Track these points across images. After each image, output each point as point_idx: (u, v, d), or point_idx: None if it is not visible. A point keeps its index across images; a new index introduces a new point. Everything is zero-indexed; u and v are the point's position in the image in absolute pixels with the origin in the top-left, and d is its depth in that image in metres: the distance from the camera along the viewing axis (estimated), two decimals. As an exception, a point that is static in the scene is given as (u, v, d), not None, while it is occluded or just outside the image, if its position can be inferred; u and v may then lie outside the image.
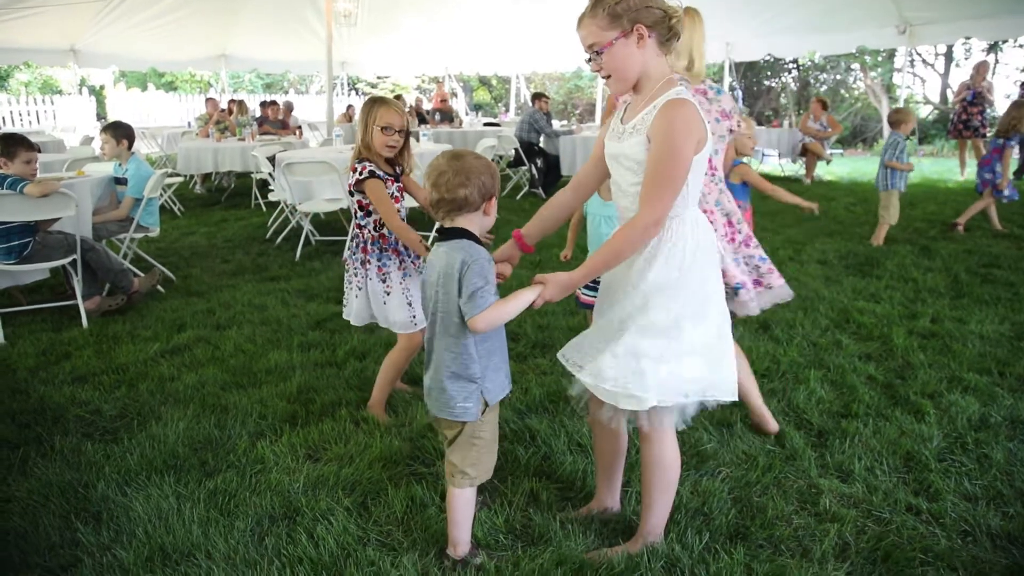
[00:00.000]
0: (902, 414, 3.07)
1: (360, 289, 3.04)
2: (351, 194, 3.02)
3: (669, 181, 1.83)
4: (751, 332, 4.07)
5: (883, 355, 3.77)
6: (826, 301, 4.62)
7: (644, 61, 1.88)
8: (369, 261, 3.00)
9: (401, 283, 3.00)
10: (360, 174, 2.92)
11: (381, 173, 2.94)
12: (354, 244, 3.08)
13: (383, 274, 3.00)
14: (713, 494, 2.45)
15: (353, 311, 3.09)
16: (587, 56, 1.93)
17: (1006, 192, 6.69)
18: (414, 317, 3.02)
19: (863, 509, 2.41)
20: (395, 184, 3.02)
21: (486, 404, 2.00)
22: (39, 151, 4.63)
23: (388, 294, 3.00)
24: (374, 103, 3.00)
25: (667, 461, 2.09)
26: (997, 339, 3.95)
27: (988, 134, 9.92)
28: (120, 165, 5.17)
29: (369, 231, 3.01)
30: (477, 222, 1.98)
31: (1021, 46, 20.92)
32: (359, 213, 3.03)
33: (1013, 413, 3.07)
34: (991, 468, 2.64)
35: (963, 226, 6.82)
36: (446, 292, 1.91)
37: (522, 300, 1.87)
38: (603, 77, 1.93)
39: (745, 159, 3.87)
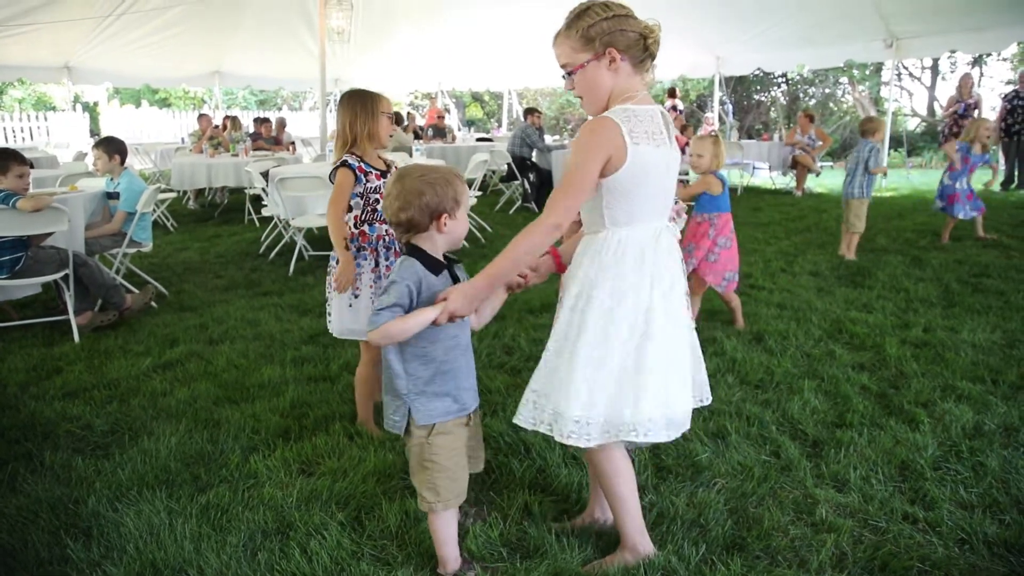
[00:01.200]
0: (896, 423, 3.07)
1: (331, 289, 3.00)
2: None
3: (569, 187, 1.87)
4: (744, 343, 4.07)
5: (876, 365, 3.77)
6: (819, 312, 4.63)
7: (615, 83, 1.90)
8: (330, 260, 2.96)
9: (372, 285, 2.94)
10: (335, 163, 2.90)
11: (354, 164, 2.88)
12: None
13: (354, 274, 2.93)
14: (709, 505, 2.44)
15: (332, 319, 3.06)
16: (561, 74, 1.95)
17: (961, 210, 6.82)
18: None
19: (859, 519, 2.41)
20: (380, 180, 2.94)
21: (414, 421, 1.96)
22: (31, 166, 4.62)
23: (356, 297, 2.93)
24: (371, 94, 2.96)
25: (608, 473, 2.07)
26: (989, 347, 3.96)
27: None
28: (112, 180, 5.17)
29: (349, 228, 2.95)
30: (436, 240, 1.93)
31: (1005, 60, 21.19)
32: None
33: (1007, 421, 3.08)
34: (986, 476, 2.64)
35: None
36: None
37: (422, 317, 1.83)
38: (576, 96, 1.95)
39: (686, 176, 4.25)
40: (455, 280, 1.97)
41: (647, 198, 1.95)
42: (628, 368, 1.95)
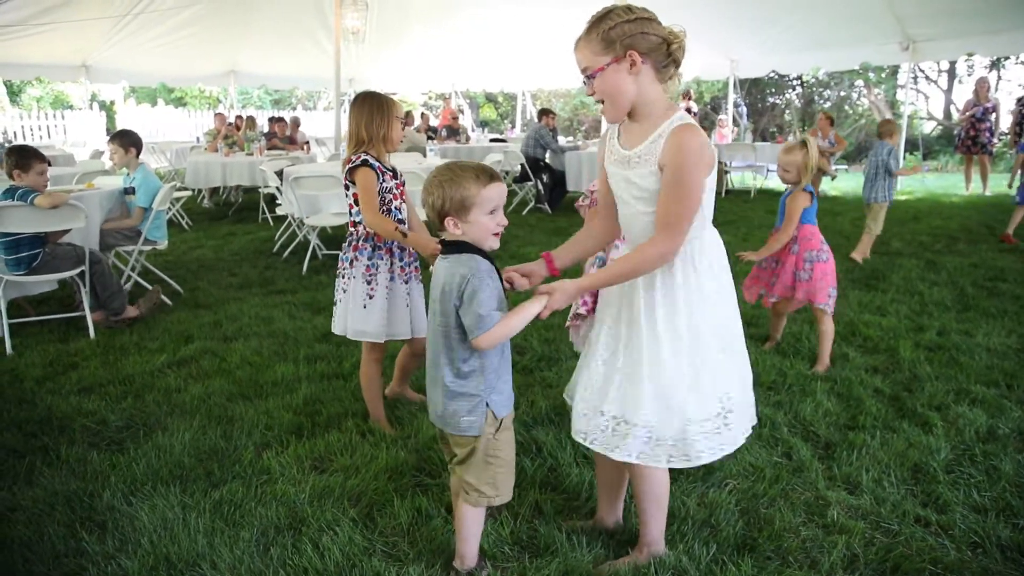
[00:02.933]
0: (909, 426, 3.06)
1: (344, 292, 3.00)
2: (346, 188, 2.96)
3: (685, 209, 1.84)
4: (755, 345, 4.06)
5: (890, 368, 3.75)
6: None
7: (638, 88, 1.86)
8: (358, 259, 2.95)
9: (387, 286, 2.94)
10: (354, 162, 2.86)
11: (376, 164, 2.89)
12: (347, 244, 3.03)
13: (369, 275, 2.93)
14: (720, 505, 2.44)
15: (336, 318, 3.06)
16: (583, 79, 1.92)
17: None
18: (386, 326, 2.95)
19: (871, 521, 2.40)
20: (394, 181, 2.96)
21: (494, 417, 1.96)
22: (49, 164, 4.67)
23: (371, 297, 2.92)
24: (386, 98, 2.96)
25: (654, 477, 2.07)
26: (1004, 352, 3.93)
27: (995, 150, 9.94)
28: (129, 174, 5.20)
29: (363, 227, 2.95)
30: (459, 237, 1.89)
31: (1023, 63, 20.98)
32: (355, 208, 2.95)
33: (1021, 425, 3.05)
34: (1000, 480, 2.62)
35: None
36: (444, 306, 1.88)
37: (528, 313, 1.83)
38: (597, 102, 1.92)
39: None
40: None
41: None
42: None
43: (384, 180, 2.91)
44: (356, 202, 2.93)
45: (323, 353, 4.03)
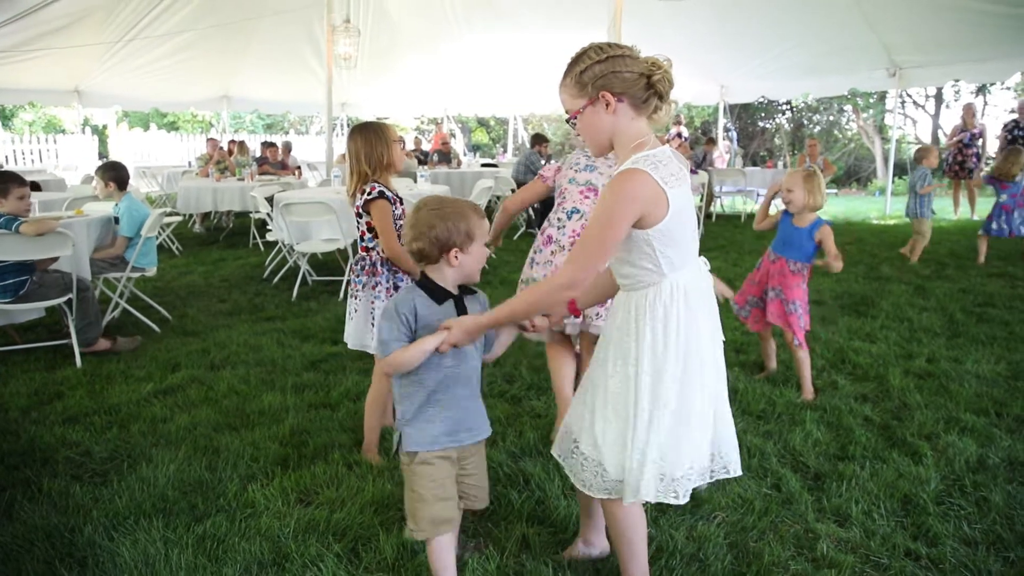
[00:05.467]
0: (899, 456, 3.05)
1: (356, 311, 3.03)
2: (358, 216, 3.01)
3: (593, 245, 1.81)
4: (746, 373, 4.05)
5: (879, 396, 3.75)
6: (822, 341, 4.62)
7: (615, 126, 1.87)
8: (379, 283, 2.99)
9: None
10: (369, 194, 2.92)
11: (390, 195, 2.95)
12: (359, 267, 3.07)
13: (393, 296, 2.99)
14: (708, 539, 2.42)
15: (351, 330, 3.08)
16: (565, 118, 1.97)
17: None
18: None
19: (861, 555, 2.38)
20: (401, 207, 3.02)
21: (405, 449, 2.00)
22: (38, 188, 4.64)
23: None
24: (380, 125, 3.05)
25: (623, 528, 2.04)
26: (993, 379, 3.94)
27: (982, 175, 10.01)
28: (116, 205, 5.19)
29: (378, 252, 3.01)
30: (446, 272, 1.97)
31: (1008, 88, 21.29)
32: (367, 235, 3.02)
33: (1011, 454, 3.05)
34: (990, 511, 2.61)
35: None
36: None
37: (423, 347, 1.88)
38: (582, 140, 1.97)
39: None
40: (461, 311, 1.99)
41: (691, 239, 1.93)
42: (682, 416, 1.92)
43: (396, 207, 2.99)
44: (369, 230, 3.00)
45: (311, 382, 4.00)
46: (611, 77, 1.82)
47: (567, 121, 1.95)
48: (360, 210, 2.98)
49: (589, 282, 1.89)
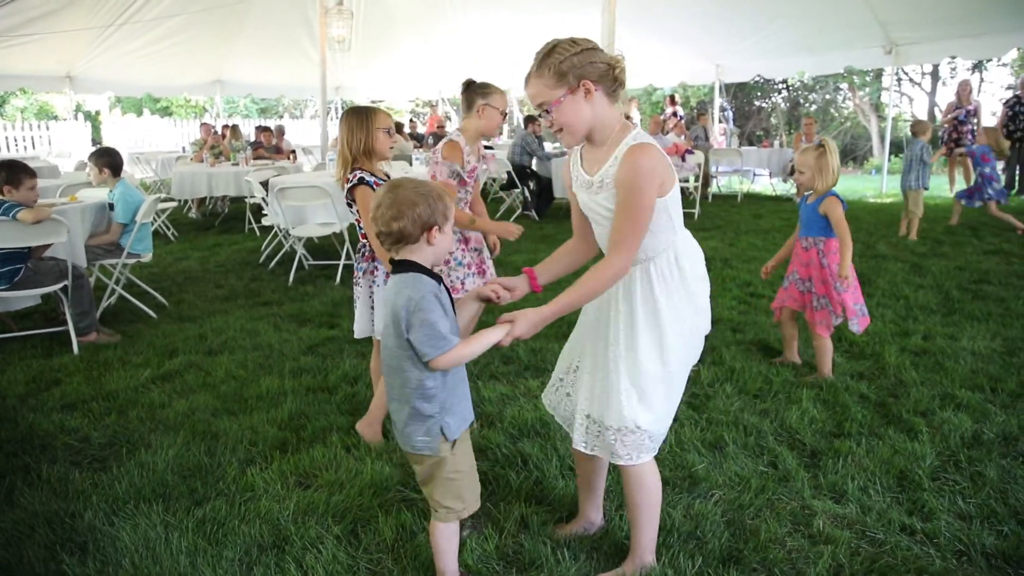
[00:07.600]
0: (895, 433, 3.07)
1: (359, 299, 3.03)
2: (349, 205, 3.00)
3: (635, 228, 1.89)
4: (743, 352, 4.07)
5: (875, 373, 3.77)
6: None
7: (594, 113, 1.93)
8: (377, 267, 2.98)
9: None
10: (351, 181, 2.92)
11: (370, 179, 2.92)
12: (359, 255, 3.07)
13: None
14: (706, 517, 2.44)
15: (357, 322, 3.08)
16: (538, 112, 1.97)
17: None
18: None
19: (857, 530, 2.40)
20: None
21: (446, 439, 1.95)
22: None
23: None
24: (367, 110, 3.01)
25: (648, 485, 2.09)
26: (989, 355, 3.96)
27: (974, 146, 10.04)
28: (111, 191, 5.16)
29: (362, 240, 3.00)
30: (425, 253, 1.92)
31: (1004, 65, 21.21)
32: (361, 222, 3.01)
33: (1006, 430, 3.07)
34: (984, 486, 2.63)
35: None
36: (398, 328, 1.85)
37: (487, 340, 1.86)
38: (555, 132, 1.97)
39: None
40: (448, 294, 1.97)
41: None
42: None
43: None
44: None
45: (308, 366, 4.00)
46: (588, 67, 1.90)
47: (540, 114, 1.97)
48: (348, 199, 2.98)
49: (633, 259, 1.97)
